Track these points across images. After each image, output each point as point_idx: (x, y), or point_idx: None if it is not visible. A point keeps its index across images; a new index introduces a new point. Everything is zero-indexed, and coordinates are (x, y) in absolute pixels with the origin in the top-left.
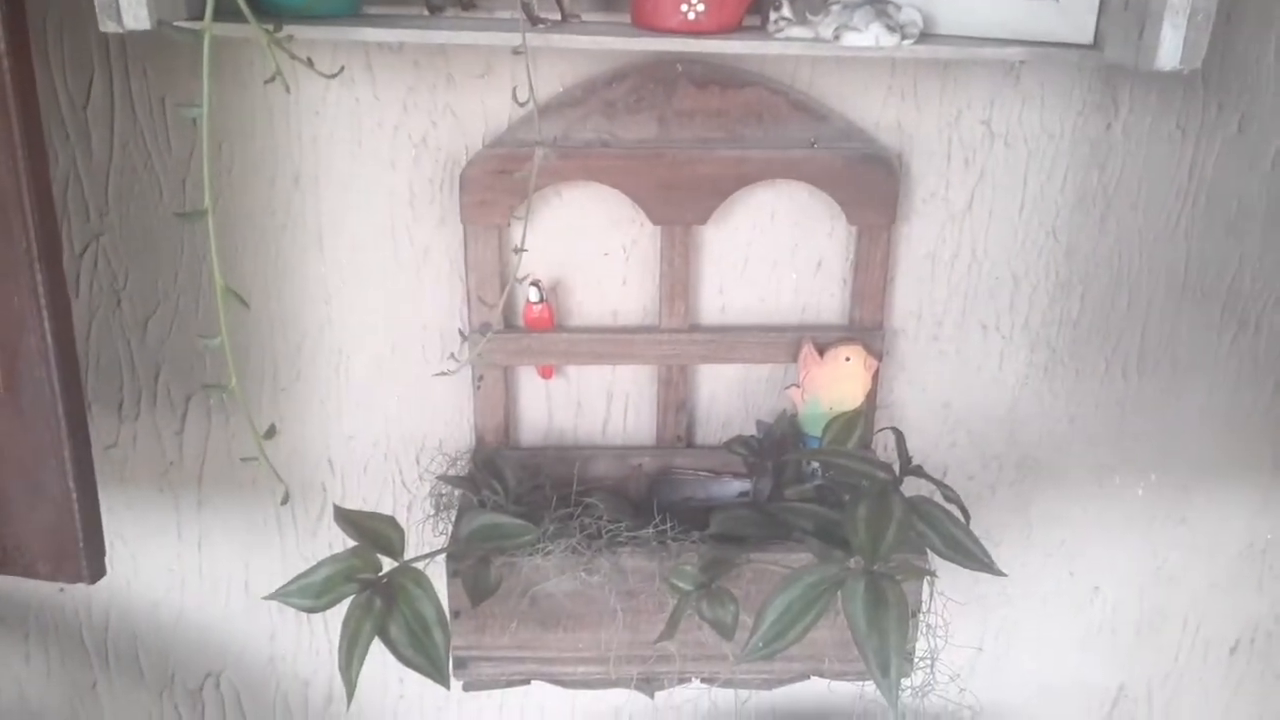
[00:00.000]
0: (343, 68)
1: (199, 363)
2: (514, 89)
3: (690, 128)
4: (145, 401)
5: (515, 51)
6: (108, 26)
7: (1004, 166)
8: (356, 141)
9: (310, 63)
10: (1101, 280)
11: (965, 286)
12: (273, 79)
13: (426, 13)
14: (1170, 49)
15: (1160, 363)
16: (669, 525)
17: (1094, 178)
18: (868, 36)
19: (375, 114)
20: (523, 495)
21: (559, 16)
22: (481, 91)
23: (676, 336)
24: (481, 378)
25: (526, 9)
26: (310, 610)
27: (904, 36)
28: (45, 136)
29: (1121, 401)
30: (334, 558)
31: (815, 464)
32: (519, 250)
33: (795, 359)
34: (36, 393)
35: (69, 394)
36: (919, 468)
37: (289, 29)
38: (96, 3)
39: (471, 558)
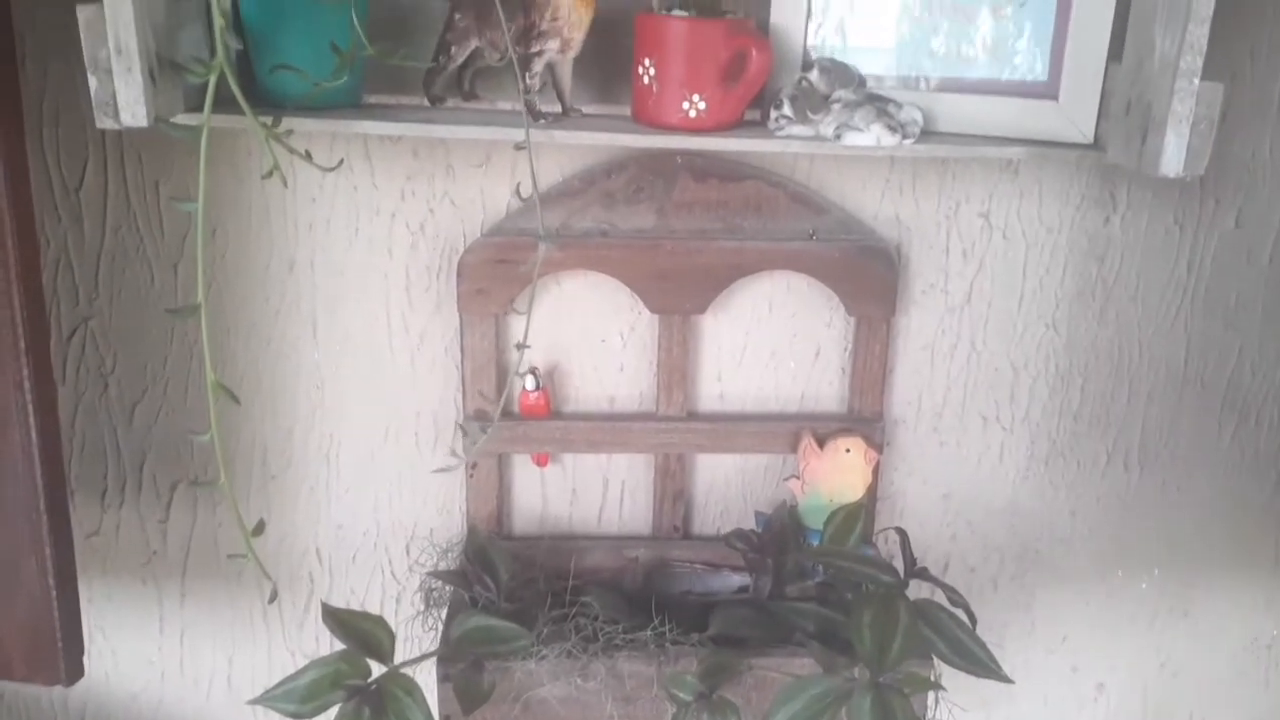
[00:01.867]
0: (341, 160)
1: (185, 450)
2: (517, 185)
3: (689, 219)
4: (130, 489)
5: (518, 147)
6: (105, 124)
7: (1003, 259)
8: (354, 228)
9: (309, 156)
10: (1101, 372)
11: (965, 378)
12: (270, 174)
13: (428, 103)
14: (1173, 156)
15: (1161, 455)
16: (667, 626)
17: (1093, 271)
18: (869, 136)
19: (373, 201)
20: (515, 591)
21: (560, 109)
22: (480, 180)
23: (674, 425)
24: (475, 465)
25: (529, 105)
26: (295, 716)
27: (905, 136)
28: (36, 221)
29: (1123, 494)
30: (321, 661)
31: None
32: (521, 346)
33: (794, 449)
34: (18, 488)
35: (52, 490)
36: (924, 570)
37: (287, 123)
38: (94, 100)
39: (463, 661)
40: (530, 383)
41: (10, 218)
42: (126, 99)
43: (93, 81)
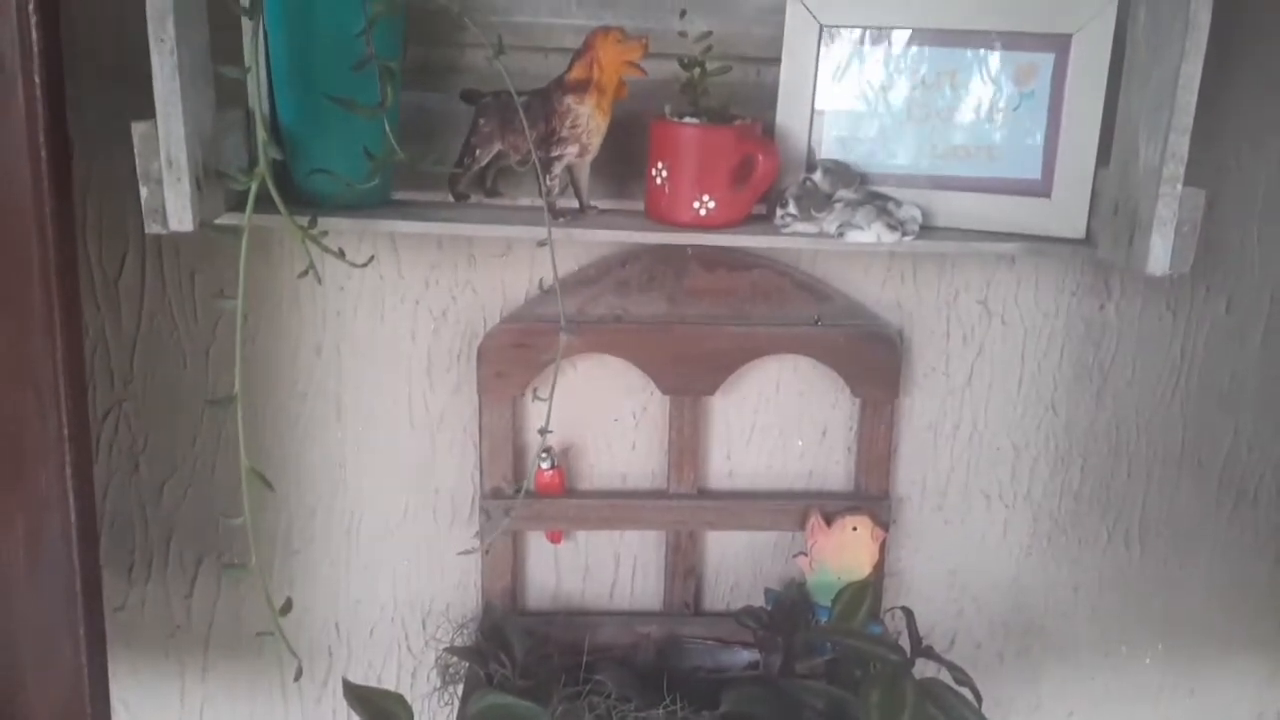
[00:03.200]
0: (372, 257)
1: (211, 527)
2: (540, 280)
3: (699, 305)
4: (156, 564)
5: (540, 244)
6: (153, 229)
7: (1002, 343)
8: (379, 315)
9: (341, 254)
10: (1100, 452)
11: (967, 457)
12: (305, 273)
13: (452, 199)
14: (1160, 256)
15: (1162, 533)
16: (679, 705)
17: (1090, 355)
18: (870, 234)
19: (399, 290)
20: (530, 667)
21: (578, 205)
22: (501, 270)
23: (685, 503)
24: (490, 543)
25: (549, 205)
26: None
27: (904, 233)
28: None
29: (1125, 571)
30: None
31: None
32: (544, 431)
33: (803, 526)
34: (56, 569)
35: (88, 572)
36: (929, 649)
37: (322, 222)
38: (144, 208)
39: None
40: (545, 461)
41: (59, 312)
42: (174, 207)
43: (144, 191)
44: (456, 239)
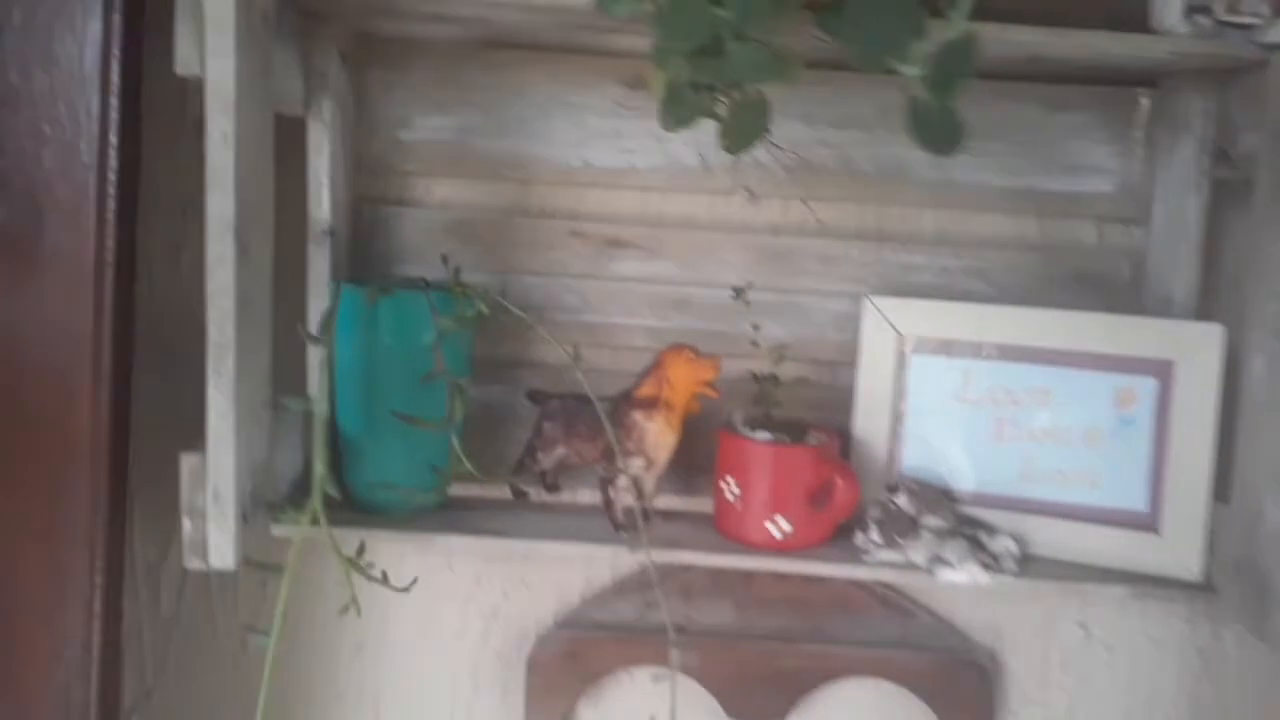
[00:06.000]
0: (415, 579)
1: None
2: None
3: (771, 617)
4: None
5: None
6: (193, 564)
7: (1105, 672)
8: (425, 612)
9: (385, 578)
10: None
11: None
12: (346, 610)
13: (511, 496)
14: None
15: None
16: None
17: (1207, 692)
18: (963, 575)
19: (448, 586)
20: None
21: (638, 502)
22: (556, 567)
23: None
24: None
25: (610, 516)
26: None
27: (1000, 571)
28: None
29: None
30: None
31: None
32: None
33: None
34: None
35: None
36: None
37: (375, 535)
38: (184, 540)
39: None
40: None
41: (100, 606)
42: (217, 542)
43: (186, 524)
44: None
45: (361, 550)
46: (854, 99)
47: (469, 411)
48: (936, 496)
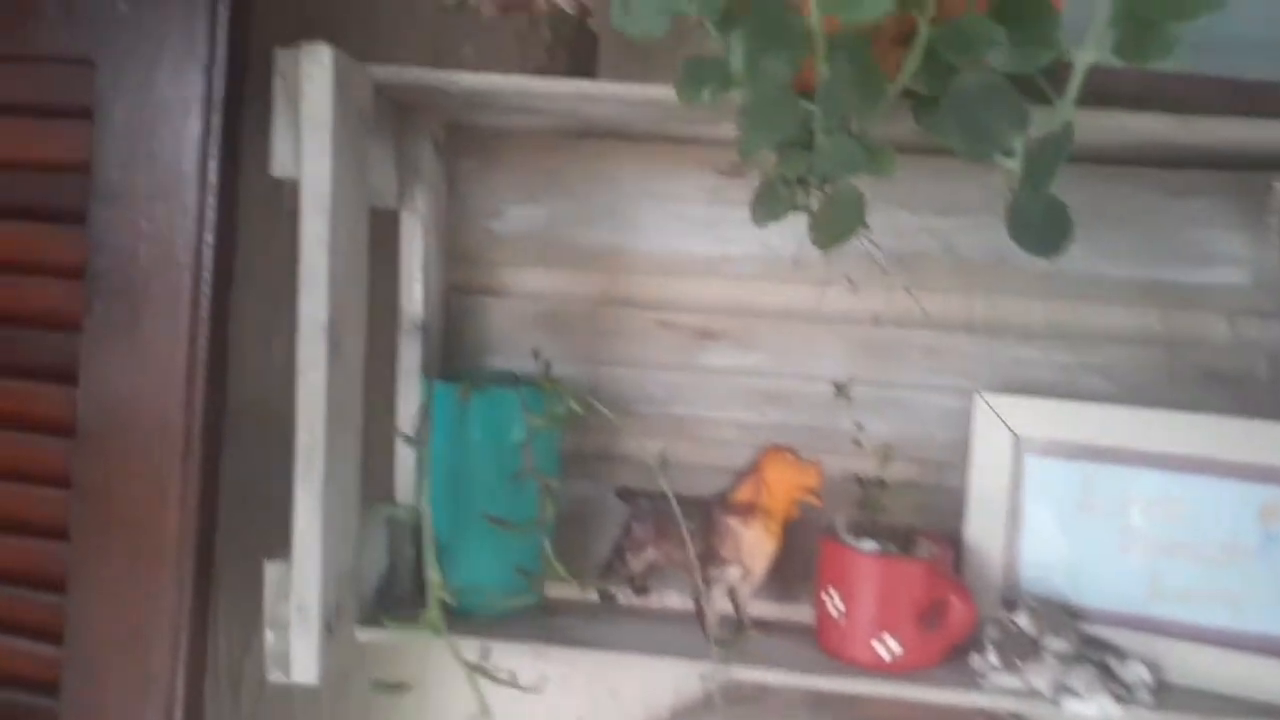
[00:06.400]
0: (547, 678)
1: None
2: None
3: None
4: None
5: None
6: (275, 676)
7: None
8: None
9: (514, 678)
10: None
11: None
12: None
13: (599, 599)
14: None
15: None
16: None
17: None
18: (1092, 708)
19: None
20: None
21: (734, 611)
22: (645, 675)
23: None
24: None
25: (704, 627)
26: None
27: (1134, 702)
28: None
29: None
30: None
31: None
32: None
33: None
34: None
35: None
36: None
37: (469, 642)
38: (267, 652)
39: None
40: None
41: (183, 714)
42: (300, 655)
43: (269, 636)
44: None
45: (486, 654)
46: (958, 183)
47: (558, 509)
48: (1060, 615)
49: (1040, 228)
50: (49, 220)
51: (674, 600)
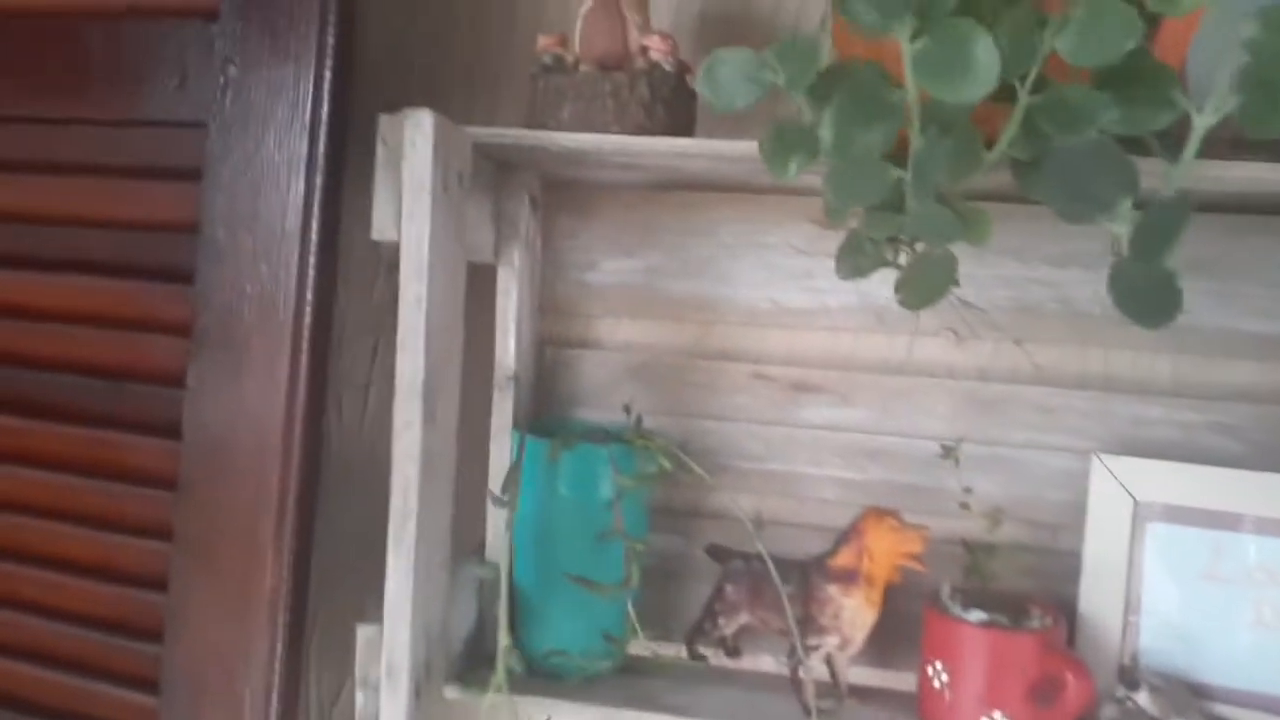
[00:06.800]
0: None
1: None
2: None
3: None
4: None
5: None
6: None
7: None
8: None
9: None
10: None
11: None
12: None
13: (688, 659)
14: None
15: None
16: None
17: None
18: None
19: None
20: None
21: (831, 679)
22: None
23: None
24: None
25: (800, 698)
26: None
27: None
28: None
29: None
30: None
31: None
32: None
33: None
34: None
35: None
36: None
37: (541, 706)
38: (358, 714)
39: None
40: None
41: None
42: (389, 716)
43: (359, 697)
44: None
45: None
46: (1073, 233)
47: (644, 567)
48: (1184, 695)
49: (1146, 297)
50: (158, 278)
51: (767, 664)
